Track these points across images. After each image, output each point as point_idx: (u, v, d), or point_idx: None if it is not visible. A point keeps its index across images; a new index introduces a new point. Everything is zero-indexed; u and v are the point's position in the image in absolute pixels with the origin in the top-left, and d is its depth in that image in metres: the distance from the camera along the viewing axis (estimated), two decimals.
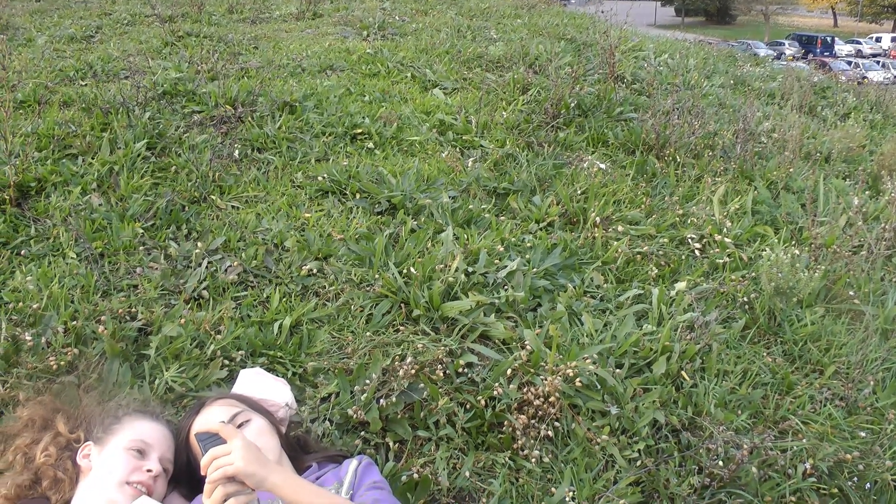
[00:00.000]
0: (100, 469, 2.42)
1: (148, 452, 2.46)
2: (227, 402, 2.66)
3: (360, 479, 2.46)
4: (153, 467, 2.42)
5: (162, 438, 2.54)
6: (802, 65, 16.67)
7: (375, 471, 2.53)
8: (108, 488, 2.35)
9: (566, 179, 5.01)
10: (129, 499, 2.33)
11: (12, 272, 3.57)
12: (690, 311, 3.71)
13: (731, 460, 2.89)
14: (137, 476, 2.38)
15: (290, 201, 4.44)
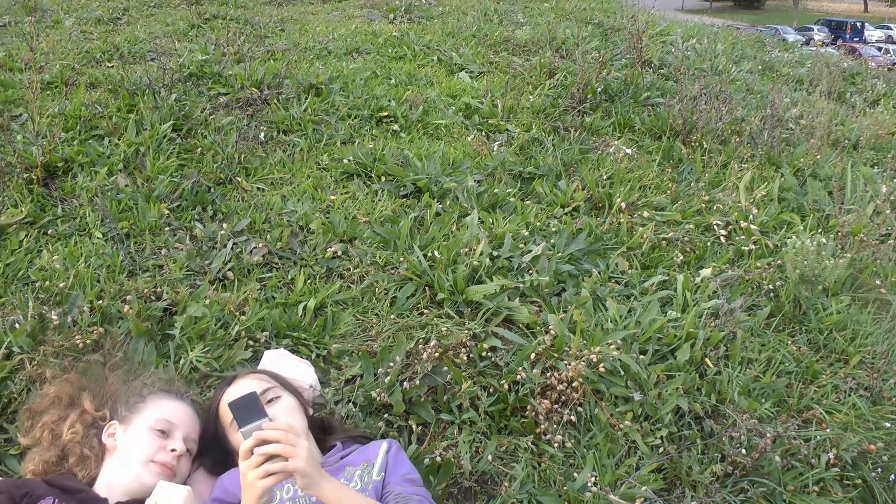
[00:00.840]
0: (124, 448, 2.44)
1: (172, 432, 2.48)
2: (260, 377, 2.67)
3: (393, 466, 2.47)
4: (177, 447, 2.44)
5: (186, 418, 2.56)
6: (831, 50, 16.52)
7: (406, 458, 2.55)
8: (132, 467, 2.38)
9: (592, 164, 4.99)
10: (154, 477, 2.35)
11: (39, 251, 3.60)
12: (715, 297, 3.69)
13: (753, 448, 2.88)
14: (162, 456, 2.40)
15: (315, 183, 4.45)
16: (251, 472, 1.94)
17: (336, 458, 2.56)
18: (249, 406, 2.01)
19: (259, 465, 1.93)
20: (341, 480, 2.40)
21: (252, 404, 2.01)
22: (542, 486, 2.81)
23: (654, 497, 2.69)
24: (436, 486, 2.72)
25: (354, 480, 2.41)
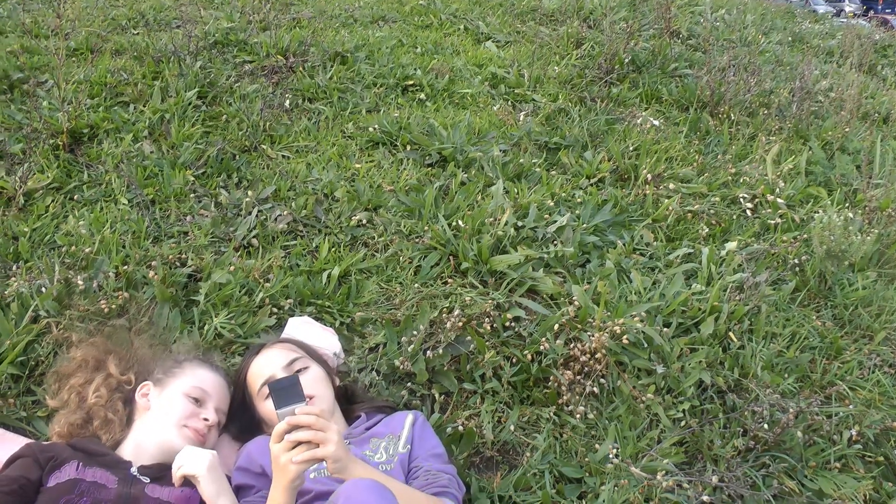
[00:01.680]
0: (158, 409, 2.47)
1: (206, 401, 2.51)
2: (287, 346, 2.69)
3: (420, 439, 2.50)
4: (210, 417, 2.47)
5: (220, 389, 2.59)
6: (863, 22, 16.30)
7: (432, 431, 2.57)
8: (165, 428, 2.41)
9: (618, 135, 4.96)
10: (184, 440, 2.38)
11: (65, 216, 3.62)
12: (740, 271, 3.67)
13: (776, 424, 2.87)
14: (194, 422, 2.43)
15: (340, 152, 4.44)
16: (284, 456, 1.94)
17: (361, 429, 2.57)
18: (289, 389, 2.01)
19: (290, 449, 1.93)
20: (366, 452, 2.41)
21: (292, 387, 2.01)
22: (564, 456, 2.81)
23: (676, 470, 2.69)
24: (457, 455, 2.73)
25: (380, 452, 2.42)
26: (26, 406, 2.71)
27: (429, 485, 2.30)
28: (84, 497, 2.10)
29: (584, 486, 2.70)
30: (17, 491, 2.09)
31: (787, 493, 2.74)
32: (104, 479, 2.20)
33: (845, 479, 2.80)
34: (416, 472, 2.36)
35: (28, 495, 2.11)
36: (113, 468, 2.27)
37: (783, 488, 2.74)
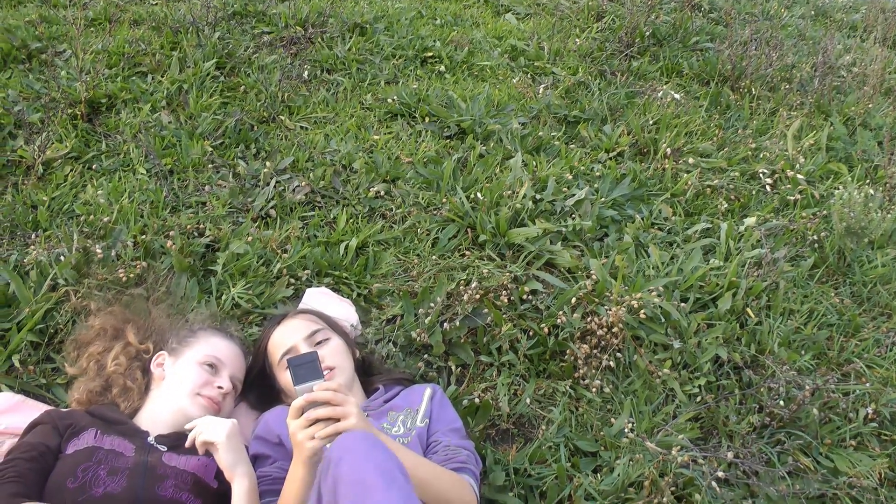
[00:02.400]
0: (172, 378, 2.48)
1: (220, 369, 2.52)
2: (309, 317, 2.70)
3: (438, 413, 2.51)
4: (224, 385, 2.47)
5: (235, 358, 2.60)
6: None
7: (450, 405, 2.58)
8: (179, 397, 2.42)
9: (638, 109, 4.92)
10: (199, 409, 2.39)
11: (84, 186, 3.63)
12: (759, 247, 3.66)
13: (792, 400, 2.86)
14: (208, 391, 2.44)
15: (358, 123, 4.43)
16: (301, 433, 1.94)
17: (379, 401, 2.58)
18: (308, 365, 2.01)
19: (308, 426, 1.94)
20: (384, 425, 2.42)
21: (310, 364, 2.02)
22: (579, 430, 2.82)
23: (691, 446, 2.69)
24: (473, 427, 2.74)
25: (397, 425, 2.42)
26: (46, 373, 2.73)
27: (448, 460, 2.30)
28: (102, 465, 2.11)
29: (599, 459, 2.70)
30: (37, 457, 2.11)
31: (802, 470, 2.74)
32: (122, 447, 2.21)
33: (860, 457, 2.80)
34: (436, 447, 2.37)
35: (47, 462, 2.13)
36: (130, 436, 2.28)
37: (798, 465, 2.74)
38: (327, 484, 1.74)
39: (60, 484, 2.05)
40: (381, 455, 1.78)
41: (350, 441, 1.82)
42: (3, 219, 3.30)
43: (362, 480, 1.70)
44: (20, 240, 3.23)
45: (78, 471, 2.08)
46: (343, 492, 1.69)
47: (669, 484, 2.47)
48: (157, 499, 2.09)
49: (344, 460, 1.75)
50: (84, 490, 2.03)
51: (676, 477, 2.54)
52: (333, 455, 1.78)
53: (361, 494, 1.67)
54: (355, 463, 1.74)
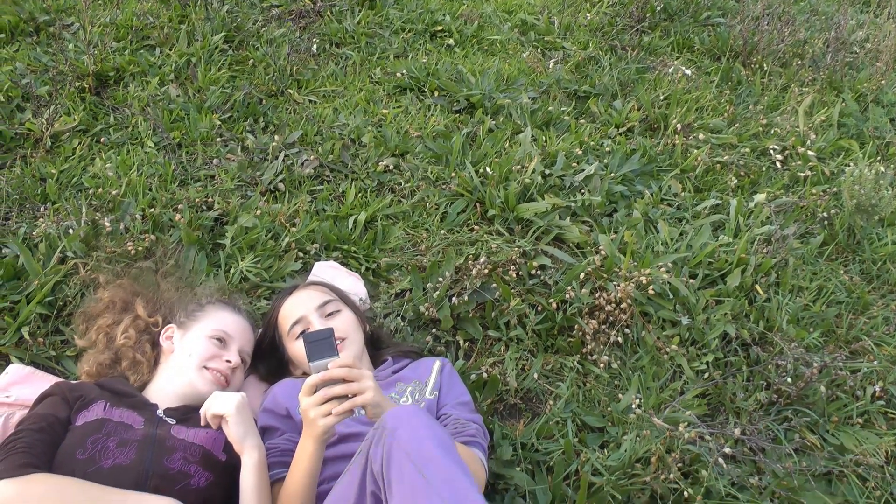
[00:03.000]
0: (181, 352, 2.49)
1: (229, 343, 2.52)
2: (320, 288, 2.69)
3: (448, 387, 2.51)
4: (232, 358, 2.48)
5: (243, 331, 2.60)
6: None
7: (458, 378, 2.58)
8: (187, 371, 2.42)
9: (649, 84, 4.90)
10: (207, 383, 2.40)
11: (92, 159, 3.63)
12: (768, 223, 3.65)
13: (799, 378, 2.86)
14: (216, 363, 2.44)
15: (367, 97, 4.42)
16: (314, 410, 1.93)
17: (388, 372, 2.58)
18: (323, 342, 2.00)
19: (321, 403, 1.93)
20: (392, 395, 2.43)
21: (326, 341, 2.00)
22: (587, 405, 2.82)
23: (698, 422, 2.69)
24: (481, 401, 2.74)
25: (405, 396, 2.43)
26: (55, 345, 2.75)
27: (458, 433, 2.31)
28: (111, 437, 2.12)
29: (607, 435, 2.71)
30: (46, 428, 2.12)
31: (809, 448, 2.74)
32: (131, 419, 2.22)
33: (867, 435, 2.79)
34: (445, 420, 2.37)
35: (56, 433, 2.13)
36: (140, 409, 2.29)
37: (805, 442, 2.74)
38: (378, 451, 1.74)
39: (70, 455, 2.06)
40: (438, 428, 1.79)
41: (405, 413, 1.81)
42: (12, 191, 3.31)
43: (420, 450, 1.69)
44: (29, 212, 3.24)
45: (87, 442, 2.08)
46: (398, 459, 1.69)
47: (676, 460, 2.48)
48: (166, 471, 2.10)
49: (401, 430, 1.74)
50: (93, 461, 2.04)
51: (683, 453, 2.54)
52: (388, 424, 1.77)
53: (421, 463, 1.67)
54: (414, 433, 1.74)
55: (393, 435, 1.73)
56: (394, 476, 1.68)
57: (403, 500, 1.64)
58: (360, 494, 1.77)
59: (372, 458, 1.75)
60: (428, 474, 1.65)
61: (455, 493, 1.63)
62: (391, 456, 1.70)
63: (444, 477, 1.65)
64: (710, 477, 2.49)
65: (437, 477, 1.65)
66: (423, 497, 1.62)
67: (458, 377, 2.58)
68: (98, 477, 1.99)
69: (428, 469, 1.66)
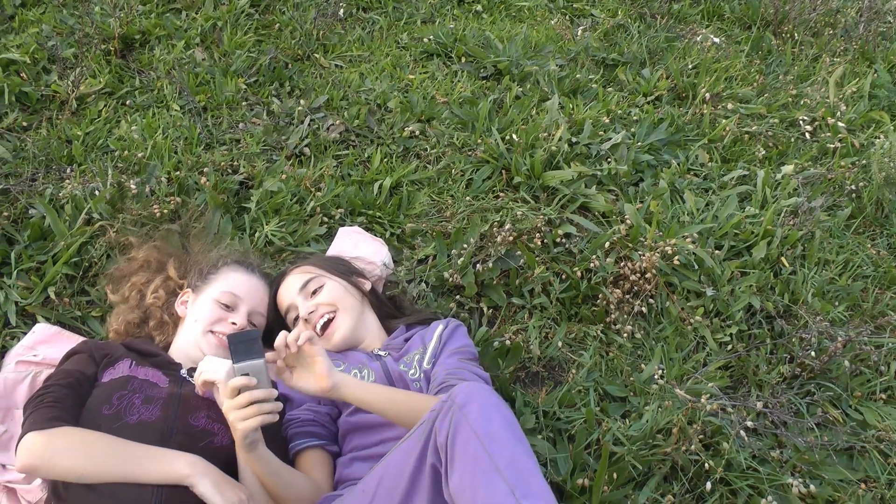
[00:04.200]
0: (191, 316, 2.49)
1: (237, 305, 2.50)
2: (302, 269, 2.68)
3: (444, 344, 2.48)
4: (238, 321, 2.46)
5: (254, 292, 2.59)
6: None
7: (461, 334, 2.55)
8: (195, 335, 2.43)
9: (678, 53, 4.85)
10: (211, 347, 2.40)
11: (118, 121, 3.64)
12: (795, 195, 3.62)
13: (823, 352, 2.85)
14: (221, 327, 2.43)
15: (394, 62, 4.40)
16: (232, 414, 1.91)
17: (399, 340, 2.58)
18: (248, 343, 1.97)
19: (244, 406, 1.90)
20: (402, 367, 2.41)
21: (252, 342, 1.97)
22: (609, 375, 2.82)
23: (720, 394, 2.68)
24: (503, 369, 2.75)
25: (413, 367, 2.41)
26: (80, 306, 2.77)
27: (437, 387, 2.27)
28: (137, 394, 2.14)
29: (629, 405, 2.71)
30: (73, 384, 2.14)
31: (831, 422, 2.73)
32: (156, 377, 2.24)
33: (890, 411, 2.78)
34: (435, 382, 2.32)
35: (83, 388, 2.16)
36: (164, 368, 2.31)
37: (827, 417, 2.73)
38: (444, 424, 1.72)
39: (96, 411, 2.08)
40: (506, 409, 1.78)
41: (476, 390, 1.79)
42: (39, 153, 3.32)
43: (488, 429, 1.68)
44: (55, 174, 3.26)
45: (113, 398, 2.11)
46: (465, 435, 1.68)
47: (697, 432, 2.47)
48: (190, 428, 2.12)
49: (470, 406, 1.73)
50: (119, 417, 2.06)
51: (705, 425, 2.53)
52: (458, 398, 1.76)
53: (487, 442, 1.66)
54: (483, 411, 1.72)
55: (461, 410, 1.72)
56: (458, 451, 1.67)
57: (464, 476, 1.64)
58: (418, 464, 1.76)
59: (438, 430, 1.73)
60: (493, 453, 1.64)
61: (518, 475, 1.62)
62: (458, 431, 1.69)
63: (509, 458, 1.64)
64: (731, 449, 2.49)
65: (502, 457, 1.64)
66: (484, 476, 1.62)
67: (461, 332, 2.56)
68: (123, 432, 2.02)
69: (493, 448, 1.65)
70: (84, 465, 1.92)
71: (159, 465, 1.94)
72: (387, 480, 1.81)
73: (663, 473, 2.48)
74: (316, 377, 2.04)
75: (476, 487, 1.61)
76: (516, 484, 1.60)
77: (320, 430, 2.31)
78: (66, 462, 1.92)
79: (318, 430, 2.30)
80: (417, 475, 1.75)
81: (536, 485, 1.63)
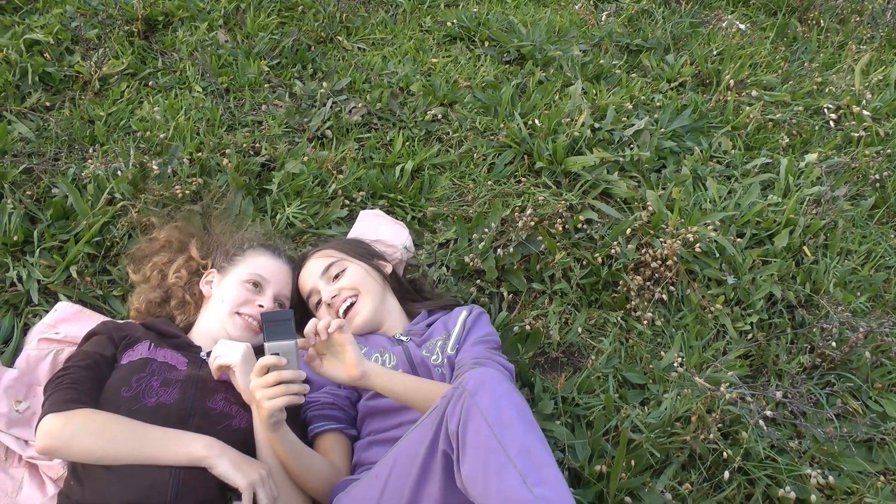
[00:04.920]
0: (217, 297, 2.50)
1: (264, 288, 2.51)
2: (324, 252, 2.68)
3: (469, 331, 2.47)
4: (265, 303, 2.47)
5: (280, 276, 2.60)
6: None
7: (484, 322, 2.54)
8: (221, 316, 2.43)
9: (702, 39, 4.83)
10: (237, 329, 2.41)
11: (140, 102, 3.65)
12: (819, 184, 3.59)
13: (844, 342, 2.84)
14: (248, 309, 2.44)
15: (417, 45, 4.40)
16: (261, 391, 1.93)
17: (422, 325, 2.57)
18: (281, 324, 1.99)
19: (272, 385, 1.92)
20: (424, 353, 2.41)
21: (285, 322, 1.99)
22: (629, 362, 2.82)
23: (739, 383, 2.68)
24: (523, 354, 2.75)
25: (436, 353, 2.40)
26: (102, 285, 2.78)
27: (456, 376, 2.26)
28: (155, 376, 2.15)
29: (647, 392, 2.71)
30: (92, 366, 2.16)
31: (851, 414, 2.72)
32: (174, 360, 2.25)
33: None
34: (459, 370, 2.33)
35: (102, 370, 2.18)
36: (184, 350, 2.32)
37: (847, 408, 2.72)
38: (455, 411, 1.72)
39: (115, 393, 2.10)
40: (518, 395, 1.77)
41: (487, 376, 1.78)
42: (62, 132, 3.33)
43: (499, 417, 1.68)
44: (78, 154, 3.27)
45: (132, 380, 2.12)
46: (476, 423, 1.67)
47: (716, 420, 2.47)
48: (208, 411, 2.13)
49: (482, 394, 1.72)
50: (138, 399, 2.08)
51: (724, 414, 2.53)
52: (469, 386, 1.75)
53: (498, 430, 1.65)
54: (494, 398, 1.72)
55: (472, 397, 1.71)
56: (469, 439, 1.66)
57: (476, 464, 1.63)
58: (430, 451, 1.76)
59: (449, 417, 1.73)
60: (504, 442, 1.63)
61: (530, 464, 1.61)
62: (469, 418, 1.69)
63: (521, 446, 1.64)
64: (749, 439, 2.48)
65: (514, 445, 1.63)
66: (496, 465, 1.61)
67: (484, 319, 2.55)
68: (142, 414, 2.04)
69: (504, 436, 1.64)
70: (102, 447, 1.94)
71: (177, 447, 1.95)
72: (399, 466, 1.82)
73: (681, 461, 2.48)
74: (346, 365, 2.05)
75: (488, 476, 1.61)
76: (528, 473, 1.59)
77: (339, 413, 2.31)
78: (84, 444, 1.94)
79: (337, 413, 2.31)
80: (429, 461, 1.76)
81: (549, 473, 1.62)
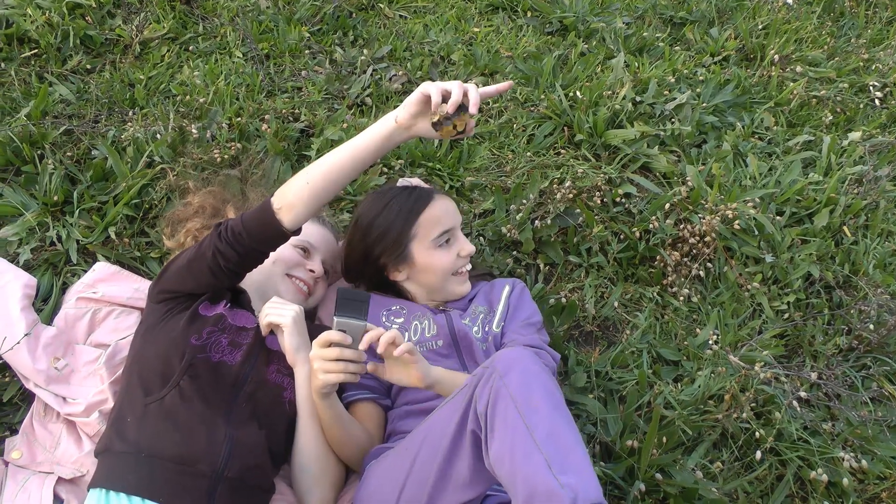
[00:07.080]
0: (267, 259, 2.50)
1: (312, 253, 2.53)
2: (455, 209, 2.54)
3: (514, 311, 2.46)
4: (316, 268, 2.49)
5: (326, 243, 2.61)
6: None
7: (527, 299, 2.53)
8: (274, 276, 2.44)
9: (747, 13, 4.76)
10: (290, 292, 2.43)
11: (180, 66, 3.65)
12: (861, 163, 3.55)
13: (882, 325, 2.81)
14: (299, 272, 2.46)
15: (459, 14, 4.37)
16: (319, 362, 1.93)
17: (464, 300, 2.56)
18: (357, 304, 1.95)
19: (331, 359, 1.93)
20: (465, 322, 2.40)
21: (360, 303, 1.96)
22: (663, 338, 2.82)
23: (774, 363, 2.67)
24: (558, 327, 2.75)
25: (477, 325, 2.40)
26: (140, 246, 2.80)
27: None
28: (225, 334, 2.16)
29: (681, 369, 2.70)
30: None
31: (886, 398, 2.70)
32: (246, 321, 2.25)
33: None
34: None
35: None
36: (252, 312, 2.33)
37: (882, 392, 2.70)
38: (485, 392, 1.71)
39: (184, 336, 2.11)
40: (547, 377, 1.76)
41: (517, 357, 1.77)
42: (102, 95, 3.35)
43: (528, 399, 1.67)
44: (118, 116, 3.29)
45: (204, 332, 2.14)
46: (504, 405, 1.66)
47: (750, 400, 2.46)
48: (263, 380, 2.15)
49: (511, 375, 1.71)
50: (204, 350, 2.10)
51: (757, 393, 2.52)
52: (499, 366, 1.74)
53: (526, 413, 1.64)
54: (523, 380, 1.70)
55: (502, 378, 1.70)
56: (497, 421, 1.66)
57: (503, 447, 1.63)
58: (459, 430, 1.75)
59: (478, 397, 1.72)
60: (531, 425, 1.62)
61: (557, 449, 1.59)
62: (497, 399, 1.68)
63: (548, 430, 1.62)
64: (782, 419, 2.48)
65: (541, 429, 1.62)
66: (522, 448, 1.60)
67: (527, 298, 2.53)
68: (202, 365, 2.07)
69: (532, 420, 1.63)
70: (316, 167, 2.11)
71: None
72: (429, 442, 1.83)
73: (713, 440, 2.48)
74: (409, 377, 2.02)
75: (515, 459, 1.60)
76: (553, 458, 1.57)
77: (374, 383, 2.32)
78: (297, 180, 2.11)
79: (372, 383, 2.32)
80: (459, 438, 1.76)
81: (575, 459, 1.60)
